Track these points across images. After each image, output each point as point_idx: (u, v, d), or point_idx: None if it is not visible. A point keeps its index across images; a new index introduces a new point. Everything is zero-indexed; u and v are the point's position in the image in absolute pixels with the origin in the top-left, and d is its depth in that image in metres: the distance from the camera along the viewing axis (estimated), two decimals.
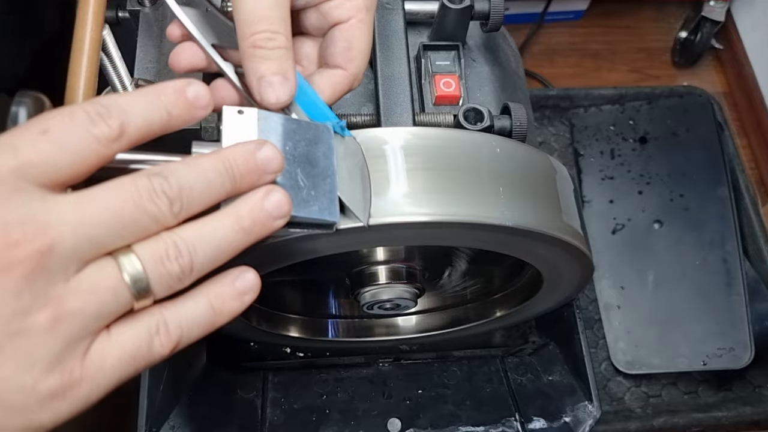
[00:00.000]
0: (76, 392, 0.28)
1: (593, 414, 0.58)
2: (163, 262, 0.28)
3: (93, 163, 0.28)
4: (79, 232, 0.26)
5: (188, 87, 0.30)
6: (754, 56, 1.19)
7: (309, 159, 0.34)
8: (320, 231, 0.34)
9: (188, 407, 0.56)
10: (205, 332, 0.31)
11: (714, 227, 1.00)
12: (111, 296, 0.27)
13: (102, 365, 0.28)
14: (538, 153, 0.43)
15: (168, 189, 0.28)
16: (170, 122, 0.30)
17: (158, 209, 0.28)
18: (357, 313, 0.62)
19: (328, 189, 0.34)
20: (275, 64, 0.35)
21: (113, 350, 0.28)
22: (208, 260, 0.29)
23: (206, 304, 0.30)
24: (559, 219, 0.41)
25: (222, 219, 0.30)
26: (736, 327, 0.94)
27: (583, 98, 1.09)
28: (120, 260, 0.27)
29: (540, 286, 0.51)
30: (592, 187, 1.03)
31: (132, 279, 0.28)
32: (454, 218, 0.37)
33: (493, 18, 0.48)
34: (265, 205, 0.30)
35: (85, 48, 0.35)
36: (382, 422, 0.60)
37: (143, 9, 0.47)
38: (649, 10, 1.32)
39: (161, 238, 0.28)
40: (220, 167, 0.29)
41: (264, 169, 0.30)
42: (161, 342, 0.29)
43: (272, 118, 0.33)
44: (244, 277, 0.31)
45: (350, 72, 0.38)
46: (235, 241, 0.30)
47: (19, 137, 0.27)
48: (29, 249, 0.25)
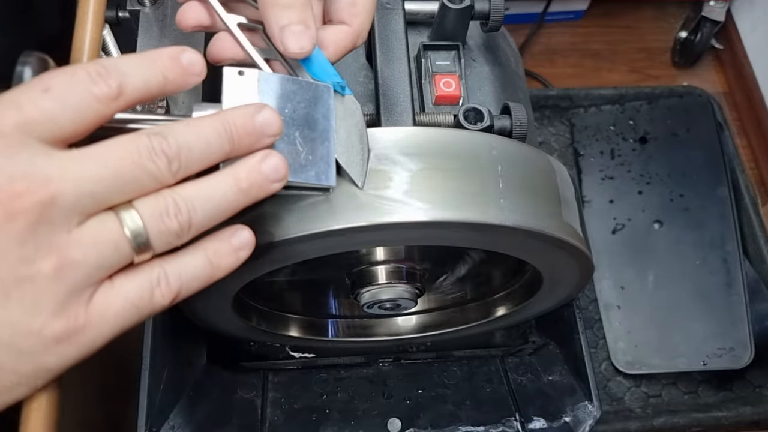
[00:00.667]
0: (81, 337, 0.29)
1: (593, 414, 0.58)
2: (162, 219, 0.29)
3: (93, 121, 0.29)
4: (80, 186, 0.27)
5: (183, 54, 0.31)
6: (754, 56, 1.19)
7: (308, 121, 0.34)
8: (316, 193, 0.35)
9: (188, 407, 0.56)
10: (203, 285, 0.32)
11: (714, 227, 1.00)
12: (112, 249, 0.29)
13: (105, 312, 0.29)
14: (538, 153, 0.43)
15: (167, 148, 0.29)
16: (166, 86, 0.31)
17: (157, 167, 0.29)
18: (357, 313, 0.62)
19: (325, 153, 0.34)
20: (296, 13, 0.35)
21: (116, 299, 0.29)
22: (207, 218, 0.30)
23: (204, 258, 0.31)
24: (559, 219, 0.41)
25: (221, 179, 0.31)
26: (736, 327, 0.94)
27: (583, 98, 1.09)
28: (121, 215, 0.29)
29: (540, 286, 0.51)
30: (592, 187, 1.03)
31: (132, 233, 0.29)
32: (454, 218, 0.37)
33: (493, 18, 0.48)
34: (263, 168, 0.31)
35: (85, 48, 0.35)
36: (382, 422, 0.60)
37: (143, 9, 0.47)
38: (649, 10, 1.32)
39: (161, 196, 0.29)
40: (220, 129, 0.30)
41: (262, 132, 0.31)
42: (162, 292, 0.30)
43: (272, 79, 0.34)
44: (240, 234, 0.33)
45: (354, 28, 0.38)
46: (233, 201, 0.31)
47: (22, 94, 0.28)
48: (32, 200, 0.26)
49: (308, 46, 0.35)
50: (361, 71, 0.49)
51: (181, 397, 0.56)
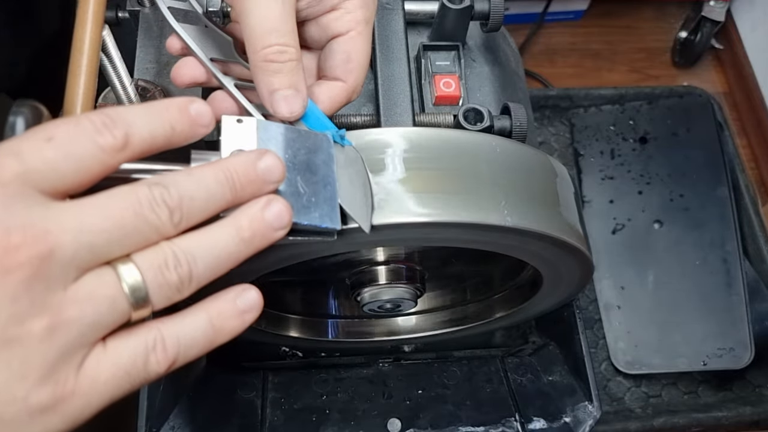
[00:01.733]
0: (68, 406, 0.27)
1: (593, 414, 0.58)
2: (162, 272, 0.28)
3: (96, 173, 0.28)
4: (79, 239, 0.26)
5: (191, 105, 0.30)
6: (754, 56, 1.19)
7: (309, 167, 0.33)
8: (321, 238, 0.34)
9: (188, 407, 0.56)
10: (203, 351, 0.30)
11: (714, 227, 1.00)
12: (109, 306, 0.27)
13: (96, 379, 0.27)
14: (538, 153, 0.43)
15: (168, 199, 0.28)
16: (173, 137, 0.30)
17: (159, 219, 0.28)
18: (357, 314, 0.62)
19: (328, 196, 0.33)
20: (287, 78, 0.35)
21: (108, 364, 0.28)
22: (208, 270, 0.29)
23: (206, 321, 0.30)
24: (559, 219, 0.41)
25: (222, 229, 0.29)
26: (736, 327, 0.94)
27: (583, 98, 1.09)
28: (119, 269, 0.27)
29: (540, 286, 0.51)
30: (592, 187, 1.03)
31: (131, 288, 0.27)
32: (454, 219, 0.37)
33: (493, 18, 0.48)
34: (266, 216, 0.30)
35: (85, 48, 0.35)
36: (382, 422, 0.60)
37: (143, 9, 0.48)
38: (649, 10, 1.32)
39: (160, 248, 0.28)
40: (221, 177, 0.29)
41: (265, 179, 0.30)
42: (157, 359, 0.29)
43: (271, 128, 0.33)
44: (246, 296, 0.31)
45: (349, 84, 0.38)
46: (235, 252, 0.30)
47: (24, 143, 0.27)
48: (29, 254, 0.25)
49: (298, 109, 0.35)
50: None
51: (181, 397, 0.56)
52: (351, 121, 0.45)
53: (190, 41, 0.38)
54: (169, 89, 0.45)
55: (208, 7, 0.40)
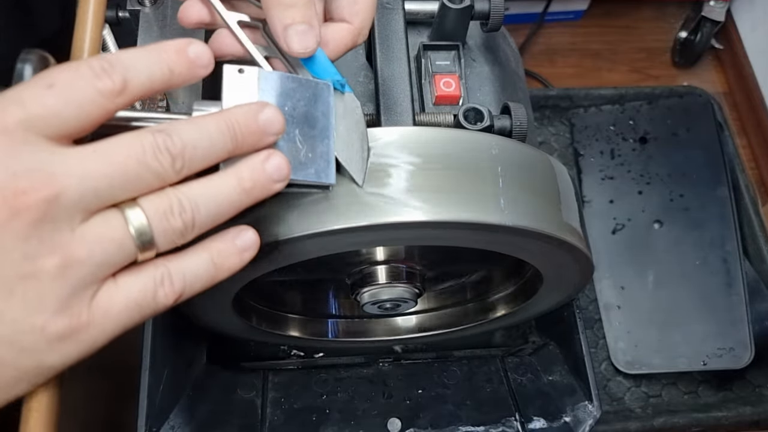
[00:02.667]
0: (84, 335, 0.29)
1: (593, 414, 0.58)
2: (167, 217, 0.29)
3: (97, 117, 0.29)
4: (84, 184, 0.27)
5: (189, 46, 0.31)
6: (754, 56, 1.19)
7: (308, 119, 0.34)
8: (316, 191, 0.35)
9: (188, 407, 0.56)
10: (206, 285, 0.32)
11: (714, 227, 1.00)
12: (116, 247, 0.28)
13: (108, 310, 0.29)
14: (538, 153, 0.43)
15: (171, 146, 0.29)
16: (172, 79, 0.30)
17: (161, 165, 0.29)
18: (357, 313, 0.62)
19: (325, 150, 0.34)
20: (300, 12, 0.35)
21: (119, 297, 0.29)
22: (210, 218, 0.30)
23: (208, 258, 0.31)
24: (559, 219, 0.41)
25: (224, 179, 0.31)
26: (736, 327, 0.93)
27: (583, 98, 1.09)
28: (126, 213, 0.29)
29: (540, 286, 0.51)
30: (592, 187, 1.03)
31: (137, 231, 0.29)
32: (454, 218, 0.37)
33: (493, 18, 0.48)
34: (266, 168, 0.31)
35: (85, 48, 0.35)
36: (382, 422, 0.60)
37: (143, 9, 0.48)
38: (649, 10, 1.32)
39: (166, 194, 0.29)
40: (223, 127, 0.30)
41: (265, 131, 0.31)
42: (165, 292, 0.30)
43: (272, 77, 0.34)
44: (244, 235, 0.33)
45: (355, 26, 0.38)
46: (236, 201, 0.31)
47: (26, 91, 0.28)
48: (36, 197, 0.26)
49: (312, 45, 0.35)
50: (361, 71, 0.49)
51: (181, 397, 0.56)
52: None
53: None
54: None
55: None
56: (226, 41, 0.37)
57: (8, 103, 0.27)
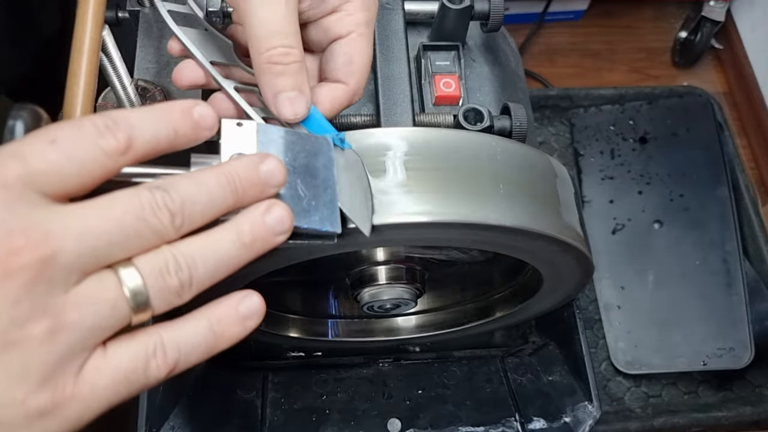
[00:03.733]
0: (67, 411, 0.27)
1: (593, 414, 0.58)
2: (162, 276, 0.28)
3: (99, 175, 0.28)
4: (81, 242, 0.26)
5: (195, 107, 0.30)
6: (754, 56, 1.19)
7: (309, 170, 0.33)
8: (321, 242, 0.34)
9: (188, 407, 0.56)
10: (204, 357, 0.30)
11: (714, 227, 1.00)
12: (110, 309, 0.27)
13: (95, 384, 0.27)
14: (538, 153, 0.43)
15: (170, 202, 0.28)
16: (176, 140, 0.30)
17: (160, 222, 0.28)
18: (357, 313, 0.62)
19: (328, 199, 0.33)
20: (291, 80, 0.35)
21: (108, 369, 0.27)
22: (208, 275, 0.29)
23: (207, 327, 0.30)
24: (559, 219, 0.41)
25: (223, 234, 0.29)
26: (736, 327, 0.94)
27: (583, 98, 1.09)
28: (120, 273, 0.27)
29: (540, 286, 0.51)
30: (592, 187, 1.03)
31: (132, 292, 0.27)
32: (454, 219, 0.37)
33: (493, 18, 0.48)
34: (267, 221, 0.30)
35: (85, 48, 0.35)
36: (382, 422, 0.60)
37: (143, 9, 0.48)
38: (649, 10, 1.32)
39: (161, 252, 0.28)
40: (223, 181, 0.29)
41: (267, 183, 0.30)
42: (157, 364, 0.29)
43: (271, 131, 0.33)
44: (248, 302, 0.31)
45: (351, 86, 0.38)
46: (236, 257, 0.30)
47: (26, 146, 0.27)
48: (31, 257, 0.25)
49: (302, 111, 0.35)
50: None
51: (181, 397, 0.56)
52: (351, 121, 0.45)
53: (190, 44, 0.38)
54: (170, 89, 0.45)
55: (208, 7, 0.40)
56: (223, 105, 0.37)
57: (7, 157, 0.26)
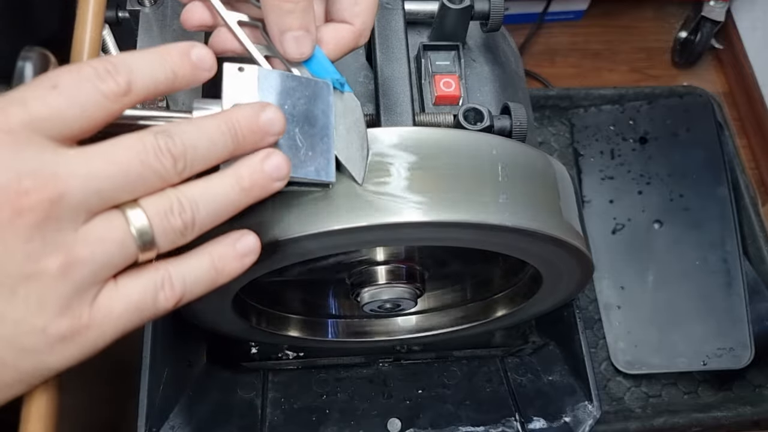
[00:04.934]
0: (84, 337, 0.29)
1: (593, 414, 0.58)
2: (167, 217, 0.29)
3: (101, 118, 0.29)
4: (87, 184, 0.27)
5: (192, 49, 0.31)
6: (754, 56, 1.19)
7: (308, 117, 0.34)
8: (316, 189, 0.35)
9: (188, 407, 0.56)
10: (206, 289, 0.32)
11: (714, 227, 1.00)
12: (118, 247, 0.29)
13: (109, 312, 0.29)
14: (538, 153, 0.43)
15: (173, 147, 0.29)
16: (175, 82, 0.31)
17: (163, 166, 0.29)
18: (357, 313, 0.62)
19: (325, 148, 0.34)
20: (298, 18, 0.35)
21: (120, 299, 0.29)
22: (209, 217, 0.31)
23: (209, 262, 0.32)
24: (559, 219, 0.41)
25: (223, 179, 0.31)
26: (736, 327, 0.94)
27: (583, 98, 1.09)
28: (127, 213, 0.29)
29: (540, 286, 0.51)
30: (592, 187, 1.03)
31: (138, 231, 0.29)
32: (454, 218, 0.37)
33: (493, 18, 0.48)
34: (265, 167, 0.31)
35: (85, 48, 0.35)
36: (382, 422, 0.60)
37: (143, 9, 0.47)
38: (649, 10, 1.32)
39: (166, 194, 0.29)
40: (224, 128, 0.30)
41: (266, 131, 0.31)
42: (165, 296, 0.30)
43: (272, 76, 0.34)
44: (245, 240, 0.33)
45: (356, 27, 0.38)
46: (236, 201, 0.31)
47: (29, 91, 0.28)
48: (39, 197, 0.26)
49: (308, 51, 0.36)
50: (361, 71, 0.49)
51: (181, 397, 0.56)
52: None
53: None
54: None
55: None
56: (227, 38, 0.37)
57: (11, 104, 0.27)
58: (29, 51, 0.30)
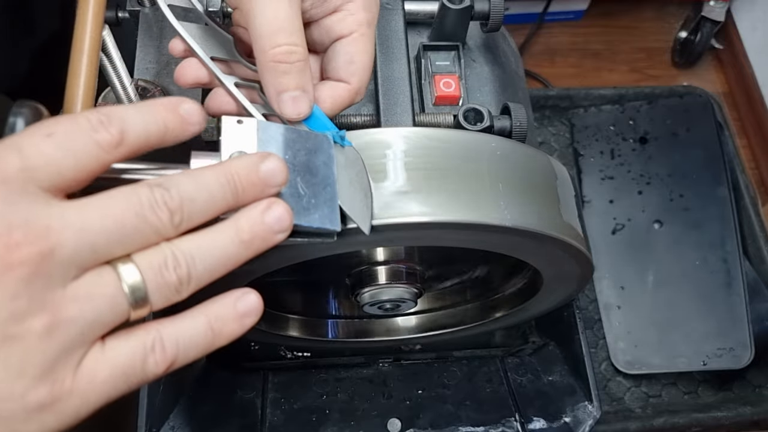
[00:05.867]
0: (65, 405, 0.27)
1: (593, 414, 0.58)
2: (161, 272, 0.28)
3: (94, 169, 0.28)
4: (80, 237, 0.26)
5: (181, 104, 0.30)
6: (754, 56, 1.20)
7: (309, 168, 0.33)
8: (321, 240, 0.34)
9: (188, 407, 0.56)
10: (202, 353, 0.30)
11: (714, 227, 1.00)
12: (108, 305, 0.27)
13: (94, 379, 0.27)
14: (538, 153, 0.43)
15: (169, 200, 0.28)
16: (166, 134, 0.30)
17: (159, 220, 0.28)
18: (357, 314, 0.62)
19: (328, 197, 0.33)
20: (295, 79, 0.35)
21: (106, 364, 0.28)
22: (207, 272, 0.29)
23: (205, 323, 0.30)
24: (559, 219, 0.41)
25: (222, 231, 0.29)
26: (736, 327, 0.94)
27: (583, 98, 1.09)
28: (119, 269, 0.27)
29: (540, 286, 0.51)
30: (592, 187, 1.03)
31: (130, 288, 0.27)
32: (454, 219, 0.37)
33: (493, 18, 0.48)
34: (266, 219, 0.30)
35: (85, 48, 0.35)
36: (382, 422, 0.60)
37: (143, 9, 0.47)
38: (649, 10, 1.32)
39: (160, 249, 0.28)
40: (223, 180, 0.29)
41: (267, 182, 0.30)
42: (156, 360, 0.28)
43: (271, 128, 0.33)
44: (246, 300, 0.31)
45: (353, 86, 0.38)
46: (235, 255, 0.30)
47: (24, 139, 0.27)
48: (30, 251, 0.25)
49: (305, 110, 0.36)
50: None
51: (181, 397, 0.56)
52: (351, 121, 0.45)
53: (191, 40, 0.38)
54: (169, 89, 0.45)
55: (208, 7, 0.40)
56: (223, 101, 0.37)
57: (7, 151, 0.26)
58: (21, 106, 0.29)
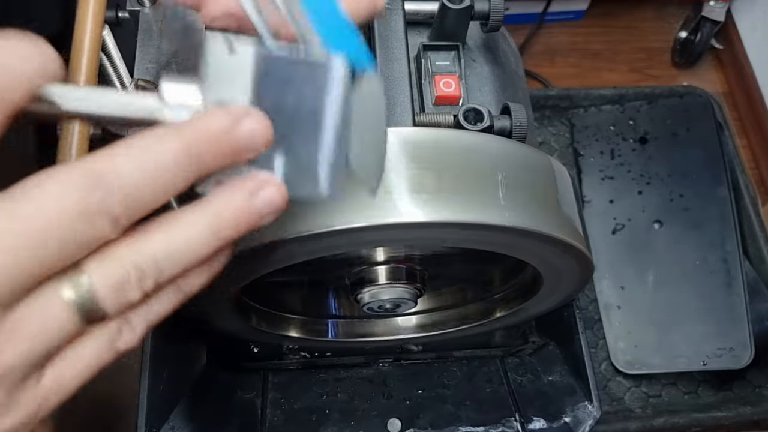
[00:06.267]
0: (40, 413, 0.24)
1: (593, 414, 0.58)
2: (123, 290, 0.23)
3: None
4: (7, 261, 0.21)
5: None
6: (754, 56, 1.19)
7: (309, 115, 0.27)
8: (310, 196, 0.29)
9: (188, 407, 0.56)
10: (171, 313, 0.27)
11: (714, 227, 1.00)
12: (57, 331, 0.23)
13: (61, 382, 0.24)
14: (538, 153, 0.43)
15: (109, 207, 0.22)
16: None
17: (99, 231, 0.23)
18: (357, 314, 0.62)
19: (328, 153, 0.28)
20: None
21: (69, 368, 0.24)
22: (178, 275, 0.25)
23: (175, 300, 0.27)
24: (559, 219, 0.41)
25: (195, 224, 0.24)
26: (736, 327, 0.93)
27: (583, 98, 1.09)
28: (65, 290, 0.23)
29: (540, 286, 0.51)
30: (592, 187, 1.03)
31: (83, 310, 0.23)
32: (454, 218, 0.37)
33: (493, 18, 0.48)
34: (255, 204, 0.25)
35: (85, 48, 0.35)
36: (382, 422, 0.60)
37: (143, 9, 0.47)
38: (649, 10, 1.32)
39: (119, 260, 0.23)
40: (181, 157, 0.23)
41: (241, 151, 0.25)
42: (125, 340, 0.25)
43: (272, 62, 0.26)
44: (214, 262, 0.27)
45: None
46: (213, 248, 0.25)
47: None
48: None
49: None
50: None
51: (181, 397, 0.56)
52: None
53: None
54: None
55: None
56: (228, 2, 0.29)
57: None
58: None
